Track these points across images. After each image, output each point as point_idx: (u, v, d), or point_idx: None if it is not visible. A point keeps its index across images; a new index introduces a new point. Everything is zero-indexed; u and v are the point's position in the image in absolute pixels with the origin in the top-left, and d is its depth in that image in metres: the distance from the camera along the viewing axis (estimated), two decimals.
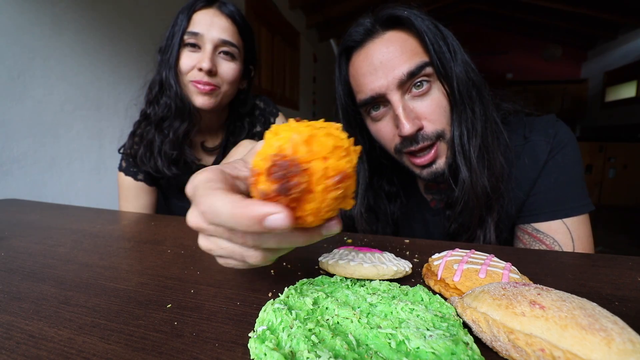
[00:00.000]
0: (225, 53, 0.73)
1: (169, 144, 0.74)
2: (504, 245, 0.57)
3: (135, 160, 0.77)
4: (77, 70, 1.27)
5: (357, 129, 0.62)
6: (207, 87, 0.72)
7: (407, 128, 0.50)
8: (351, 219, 0.64)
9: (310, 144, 0.20)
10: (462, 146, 0.53)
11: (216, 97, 0.75)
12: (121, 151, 0.80)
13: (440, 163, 0.54)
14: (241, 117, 0.86)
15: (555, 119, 0.57)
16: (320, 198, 0.20)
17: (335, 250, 0.35)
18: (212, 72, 0.72)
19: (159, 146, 0.74)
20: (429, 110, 0.52)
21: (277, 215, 0.18)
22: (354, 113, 0.60)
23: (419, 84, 0.51)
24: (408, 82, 0.51)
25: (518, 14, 5.19)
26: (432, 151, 0.53)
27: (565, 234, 0.52)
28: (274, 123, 0.89)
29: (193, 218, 0.23)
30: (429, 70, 0.51)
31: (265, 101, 0.92)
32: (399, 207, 0.67)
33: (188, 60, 0.71)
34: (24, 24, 1.08)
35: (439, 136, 0.53)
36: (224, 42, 0.72)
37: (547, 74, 6.18)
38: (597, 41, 5.52)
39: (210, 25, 0.70)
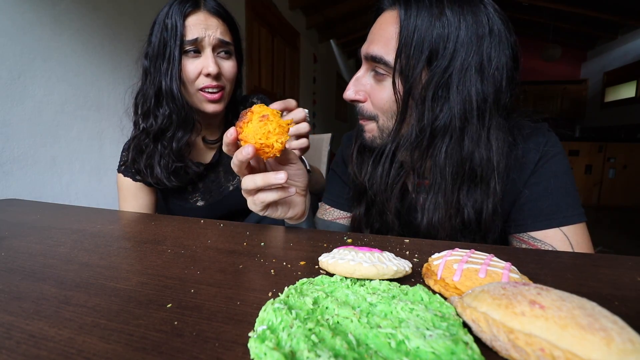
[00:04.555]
0: (224, 51, 0.74)
1: (171, 155, 0.73)
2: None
3: (136, 173, 0.76)
4: (77, 71, 1.28)
5: None
6: (217, 95, 0.73)
7: (347, 93, 0.56)
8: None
9: (259, 107, 0.42)
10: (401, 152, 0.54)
11: (224, 100, 0.76)
12: (122, 167, 0.79)
13: (366, 136, 0.58)
14: (236, 108, 0.86)
15: (547, 128, 0.56)
16: (254, 125, 0.40)
17: (335, 250, 0.35)
18: (218, 75, 0.72)
19: (159, 158, 0.73)
20: (375, 94, 0.54)
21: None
22: None
23: (379, 71, 0.53)
24: (372, 63, 0.53)
25: (518, 14, 5.19)
26: (362, 120, 0.58)
27: (563, 240, 0.51)
28: None
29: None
30: (386, 68, 0.51)
31: (262, 99, 0.92)
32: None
33: (192, 67, 0.71)
34: (24, 24, 1.08)
35: (372, 118, 0.56)
36: (222, 43, 0.72)
37: (547, 74, 6.19)
38: (597, 41, 5.53)
39: (206, 28, 0.70)
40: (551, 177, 0.53)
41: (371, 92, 0.55)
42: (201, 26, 0.70)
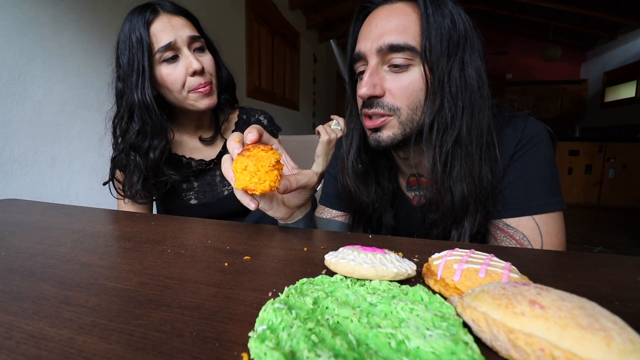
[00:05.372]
0: (198, 48, 0.74)
1: (149, 168, 0.74)
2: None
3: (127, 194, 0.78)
4: (77, 71, 1.27)
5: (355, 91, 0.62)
6: (208, 87, 0.73)
7: (364, 90, 0.53)
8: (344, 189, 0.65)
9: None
10: (430, 139, 0.53)
11: (214, 92, 0.76)
12: (110, 184, 0.80)
13: (384, 135, 0.55)
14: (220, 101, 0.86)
15: (527, 114, 0.57)
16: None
17: (342, 249, 0.35)
18: (203, 70, 0.72)
19: (139, 174, 0.74)
20: (397, 86, 0.53)
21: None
22: (354, 73, 0.61)
23: (398, 63, 0.52)
24: (388, 54, 0.52)
25: (518, 14, 5.19)
26: (380, 119, 0.54)
27: (534, 229, 0.52)
28: None
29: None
30: (412, 54, 0.51)
31: (269, 120, 0.93)
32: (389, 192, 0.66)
33: (176, 71, 0.70)
34: (24, 24, 1.08)
35: (394, 111, 0.53)
36: (193, 38, 0.72)
37: (546, 74, 6.18)
38: (597, 41, 5.52)
39: (172, 29, 0.69)
40: (530, 165, 0.53)
41: (391, 86, 0.53)
42: (168, 29, 0.69)
